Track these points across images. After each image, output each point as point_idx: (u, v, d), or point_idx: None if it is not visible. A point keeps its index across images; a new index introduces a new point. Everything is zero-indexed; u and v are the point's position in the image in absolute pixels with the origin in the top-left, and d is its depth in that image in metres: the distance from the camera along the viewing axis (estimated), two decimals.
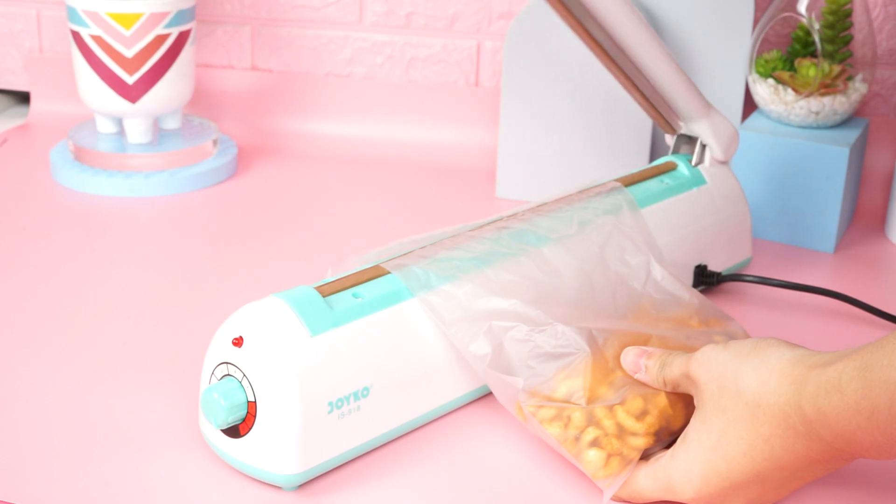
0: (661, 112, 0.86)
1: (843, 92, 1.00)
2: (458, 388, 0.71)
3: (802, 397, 0.56)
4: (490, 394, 0.74)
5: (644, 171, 0.88)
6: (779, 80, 1.02)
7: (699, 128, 0.88)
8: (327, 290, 0.66)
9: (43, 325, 0.83)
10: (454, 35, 1.23)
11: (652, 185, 0.86)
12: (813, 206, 0.99)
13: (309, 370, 0.63)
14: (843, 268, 0.97)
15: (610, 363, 0.68)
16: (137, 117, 1.14)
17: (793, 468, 0.59)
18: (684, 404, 0.66)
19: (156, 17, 1.10)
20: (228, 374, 0.64)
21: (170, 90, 1.13)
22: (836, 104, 1.00)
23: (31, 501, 0.63)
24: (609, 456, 0.63)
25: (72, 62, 1.17)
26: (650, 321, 0.74)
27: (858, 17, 1.00)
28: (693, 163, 0.89)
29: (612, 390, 0.66)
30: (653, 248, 0.78)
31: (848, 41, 1.00)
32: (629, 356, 0.67)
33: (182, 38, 1.13)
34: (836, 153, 0.97)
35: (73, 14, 1.10)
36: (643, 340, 0.70)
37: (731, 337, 0.74)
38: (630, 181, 0.85)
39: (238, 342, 0.64)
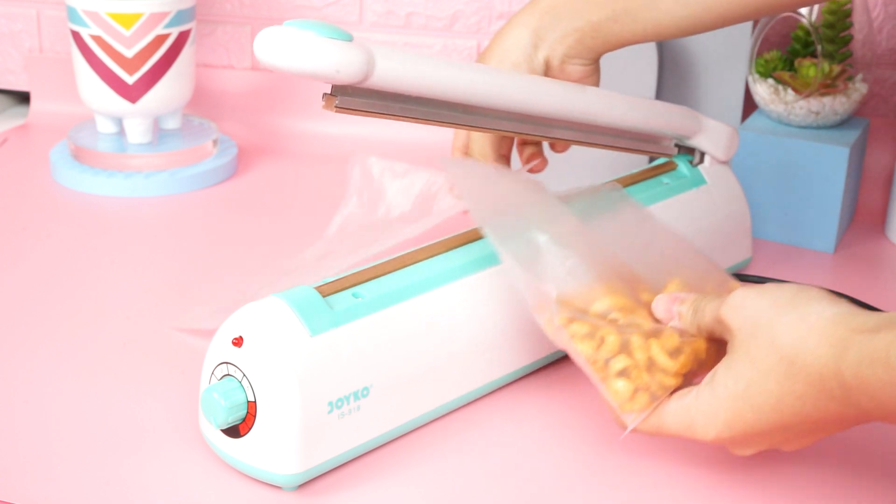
0: (650, 150, 0.87)
1: (843, 92, 1.00)
2: (459, 388, 0.71)
3: (843, 362, 0.53)
4: (490, 394, 0.74)
5: (644, 171, 0.88)
6: (779, 80, 1.02)
7: (694, 143, 0.88)
8: (327, 290, 0.66)
9: (42, 325, 0.83)
10: (454, 35, 1.23)
11: (652, 185, 0.86)
12: (813, 206, 0.99)
13: (309, 370, 0.63)
14: (843, 268, 0.97)
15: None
16: (137, 117, 1.14)
17: (821, 423, 0.57)
18: (717, 348, 0.64)
19: (156, 17, 1.10)
20: (228, 374, 0.64)
21: (170, 90, 1.13)
22: (836, 104, 1.00)
23: (31, 501, 0.62)
24: (636, 390, 0.62)
25: (72, 62, 1.17)
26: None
27: (858, 17, 1.00)
28: (693, 163, 0.89)
29: (649, 320, 0.64)
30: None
31: (848, 41, 1.00)
32: (661, 303, 0.65)
33: (182, 38, 1.12)
34: (836, 153, 0.97)
35: (73, 14, 1.10)
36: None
37: None
38: (630, 181, 0.85)
39: (238, 342, 0.63)
